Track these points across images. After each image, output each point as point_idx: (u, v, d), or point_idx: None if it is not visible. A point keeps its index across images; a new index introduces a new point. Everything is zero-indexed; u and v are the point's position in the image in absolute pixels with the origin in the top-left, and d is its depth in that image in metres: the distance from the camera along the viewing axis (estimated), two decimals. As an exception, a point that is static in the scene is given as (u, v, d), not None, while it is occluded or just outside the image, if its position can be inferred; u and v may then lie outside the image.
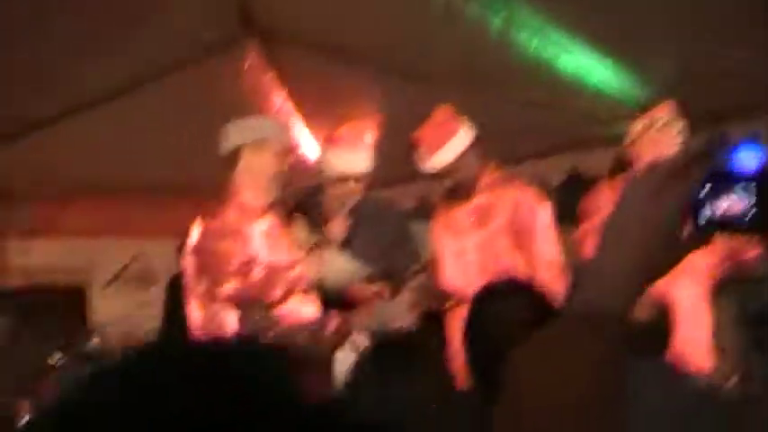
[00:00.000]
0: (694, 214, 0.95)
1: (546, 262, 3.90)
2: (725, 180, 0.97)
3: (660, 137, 3.98)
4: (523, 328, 1.86)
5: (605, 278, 0.93)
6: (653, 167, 0.92)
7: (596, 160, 5.64)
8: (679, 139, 4.02)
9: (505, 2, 4.86)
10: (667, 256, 0.91)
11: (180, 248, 5.12)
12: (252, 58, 5.88)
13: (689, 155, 0.98)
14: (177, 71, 5.66)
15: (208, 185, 5.96)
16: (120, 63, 5.50)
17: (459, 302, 3.94)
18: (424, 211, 5.83)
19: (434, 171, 3.94)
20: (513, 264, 3.95)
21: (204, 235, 3.50)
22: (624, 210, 0.98)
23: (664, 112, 4.06)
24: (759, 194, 0.98)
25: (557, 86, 5.26)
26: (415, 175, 6.32)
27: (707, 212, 0.96)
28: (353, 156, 4.17)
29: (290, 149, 3.71)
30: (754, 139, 5.43)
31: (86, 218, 6.86)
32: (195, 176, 6.31)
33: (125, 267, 7.55)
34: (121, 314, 6.89)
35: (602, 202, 4.06)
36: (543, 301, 1.99)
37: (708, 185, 0.96)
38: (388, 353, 1.93)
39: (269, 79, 6.08)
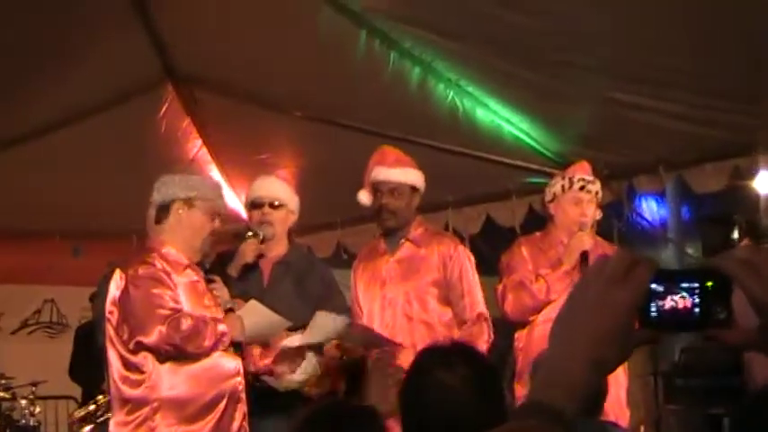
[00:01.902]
0: (641, 313, 1.00)
1: (472, 315, 3.96)
2: (670, 280, 1.03)
3: (580, 196, 4.11)
4: (468, 399, 1.87)
5: (558, 376, 0.96)
6: (602, 265, 0.95)
7: (511, 210, 5.75)
8: (597, 198, 4.16)
9: (424, 54, 4.95)
10: (618, 354, 0.95)
11: (93, 296, 5.01)
12: (170, 104, 5.84)
13: (634, 255, 1.04)
14: (96, 115, 5.58)
15: (123, 231, 5.90)
16: (36, 107, 5.40)
17: (384, 352, 3.96)
18: (341, 260, 5.86)
19: (388, 182, 3.98)
20: (440, 316, 4.00)
21: (131, 281, 3.44)
22: (576, 307, 1.02)
23: (582, 172, 4.19)
24: (702, 294, 1.04)
25: (474, 137, 5.37)
26: (332, 223, 6.39)
27: (653, 312, 1.02)
28: (268, 180, 4.30)
29: (219, 212, 3.71)
30: (659, 194, 5.65)
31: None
32: (112, 223, 6.23)
33: (34, 314, 7.38)
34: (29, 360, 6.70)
35: (521, 257, 4.16)
36: (486, 369, 1.99)
37: (653, 285, 1.02)
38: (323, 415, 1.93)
39: (187, 125, 6.05)
